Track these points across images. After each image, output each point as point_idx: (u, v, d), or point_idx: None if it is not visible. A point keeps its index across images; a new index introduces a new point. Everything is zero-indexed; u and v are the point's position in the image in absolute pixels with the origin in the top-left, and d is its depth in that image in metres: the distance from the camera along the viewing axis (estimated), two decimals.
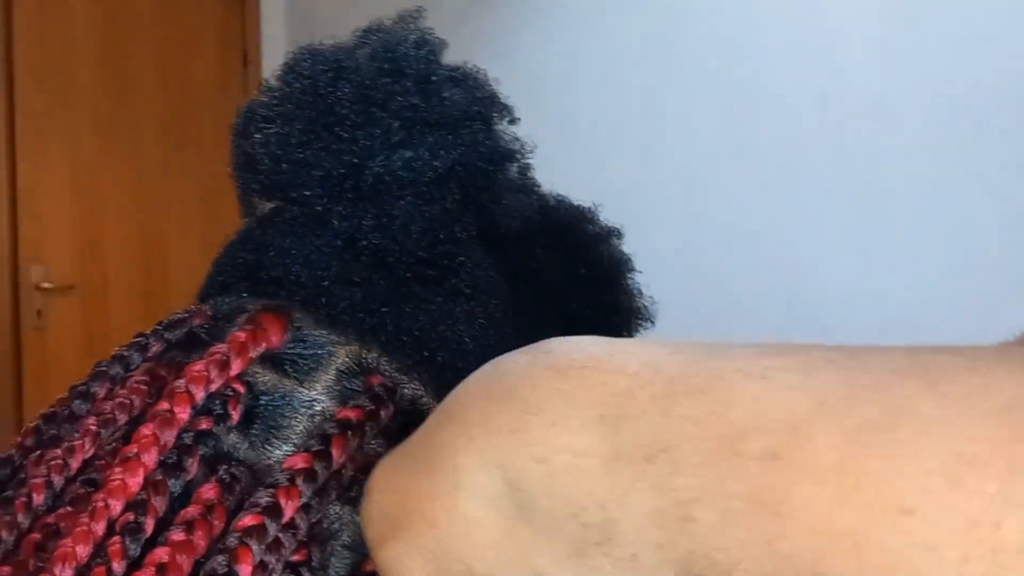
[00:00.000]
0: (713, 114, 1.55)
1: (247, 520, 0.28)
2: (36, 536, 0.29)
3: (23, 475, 0.32)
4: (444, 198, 0.35)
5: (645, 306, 0.44)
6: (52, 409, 0.35)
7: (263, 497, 0.29)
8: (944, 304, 1.34)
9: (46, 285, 2.57)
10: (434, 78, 0.37)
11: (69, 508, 0.30)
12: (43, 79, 2.56)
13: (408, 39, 0.38)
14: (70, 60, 2.61)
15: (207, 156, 2.86)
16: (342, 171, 0.35)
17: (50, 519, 0.29)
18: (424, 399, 0.34)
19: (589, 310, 0.41)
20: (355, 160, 0.35)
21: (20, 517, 0.29)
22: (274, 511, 0.28)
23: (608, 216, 0.45)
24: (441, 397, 0.32)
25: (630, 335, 0.43)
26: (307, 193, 0.35)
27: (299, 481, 0.29)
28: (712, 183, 1.55)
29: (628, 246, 0.45)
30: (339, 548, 0.31)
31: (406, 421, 0.33)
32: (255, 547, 0.27)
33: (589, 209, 0.44)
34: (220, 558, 0.27)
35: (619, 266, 0.44)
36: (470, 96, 0.37)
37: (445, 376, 0.34)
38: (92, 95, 2.65)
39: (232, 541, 0.28)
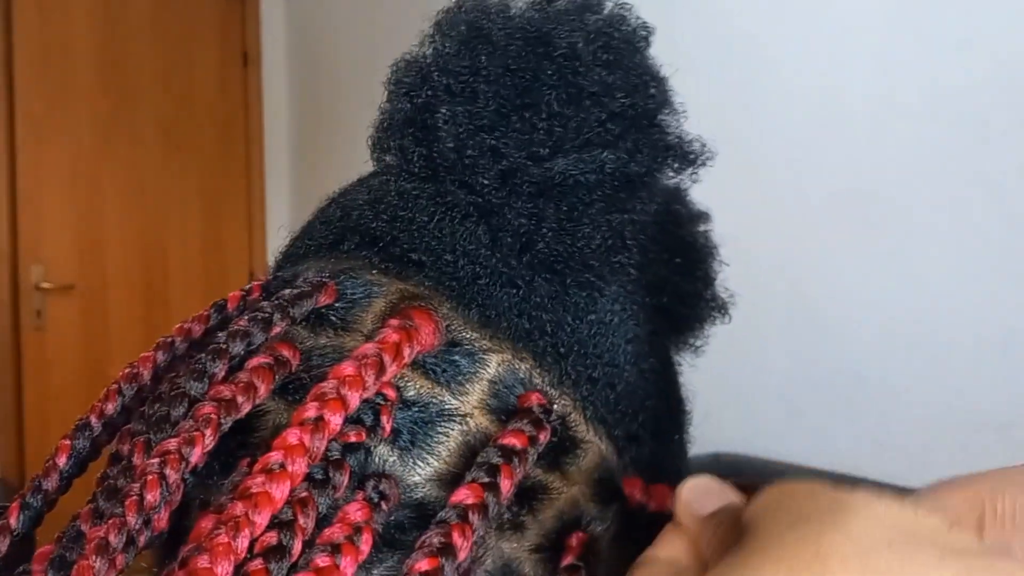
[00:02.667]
0: (713, 113, 1.55)
1: (423, 564, 0.25)
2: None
3: (121, 458, 0.28)
4: (633, 207, 0.32)
5: (723, 299, 0.40)
6: (135, 370, 0.32)
7: (436, 537, 0.25)
8: (944, 304, 1.34)
9: (46, 285, 2.57)
10: (642, 71, 0.33)
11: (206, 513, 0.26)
12: (43, 79, 2.56)
13: (622, 22, 0.34)
14: (70, 60, 2.61)
15: (207, 156, 2.87)
16: (528, 163, 0.31)
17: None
18: (573, 416, 0.30)
19: (677, 302, 0.37)
20: (545, 153, 0.31)
21: (131, 518, 0.25)
22: (449, 552, 0.25)
23: None
24: (590, 414, 0.31)
25: (702, 327, 0.39)
26: (485, 182, 0.31)
27: (472, 518, 0.26)
28: (712, 183, 1.55)
29: None
30: (481, 574, 0.28)
31: (560, 441, 0.30)
32: None
33: (680, 188, 0.40)
34: None
35: (706, 252, 0.39)
36: (664, 91, 0.33)
37: (597, 391, 0.31)
38: (92, 95, 2.65)
39: None
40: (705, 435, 0.39)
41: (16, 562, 0.28)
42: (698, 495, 0.28)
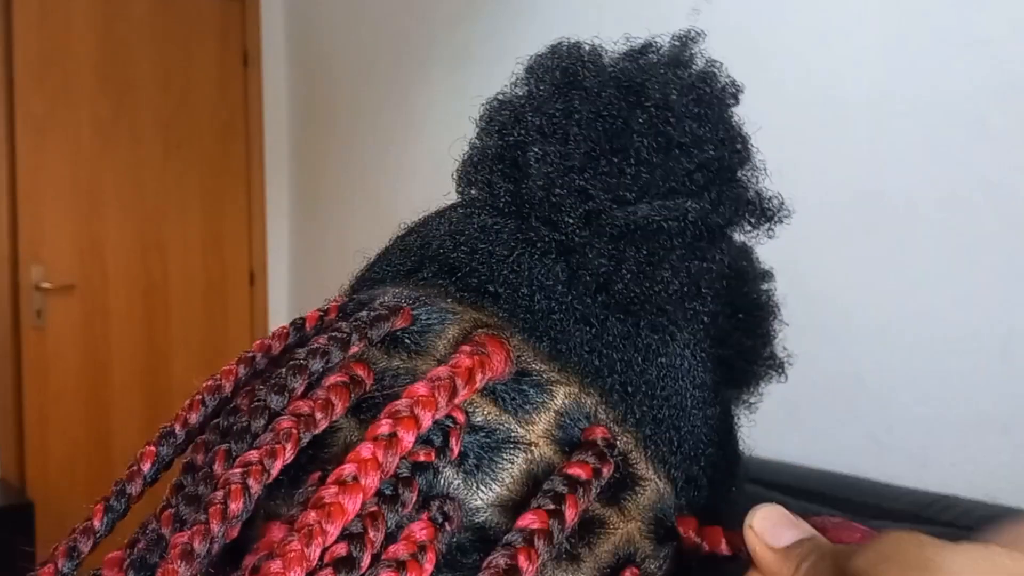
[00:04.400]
0: None
1: None
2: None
3: (200, 467, 0.29)
4: (712, 257, 0.33)
5: (781, 358, 0.41)
6: (217, 382, 0.32)
7: (503, 559, 0.26)
8: (944, 304, 1.34)
9: (46, 285, 2.57)
10: (731, 125, 0.34)
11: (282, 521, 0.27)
12: (43, 79, 2.56)
13: (714, 78, 0.35)
14: (70, 60, 2.61)
15: (207, 156, 2.87)
16: (613, 206, 0.32)
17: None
18: (634, 454, 0.31)
19: (739, 357, 0.39)
20: (632, 196, 0.32)
21: (215, 526, 0.26)
22: (514, 574, 0.26)
23: None
24: (651, 454, 0.31)
25: (758, 384, 0.40)
26: (570, 221, 0.32)
27: (538, 543, 0.26)
28: None
29: None
30: None
31: (620, 477, 0.30)
32: None
33: (747, 246, 0.41)
34: None
35: (768, 311, 0.40)
36: (747, 147, 0.35)
37: (660, 431, 0.32)
38: (92, 95, 2.65)
39: None
40: None
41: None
42: (771, 525, 0.28)
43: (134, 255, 2.74)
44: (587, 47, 0.36)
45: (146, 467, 0.31)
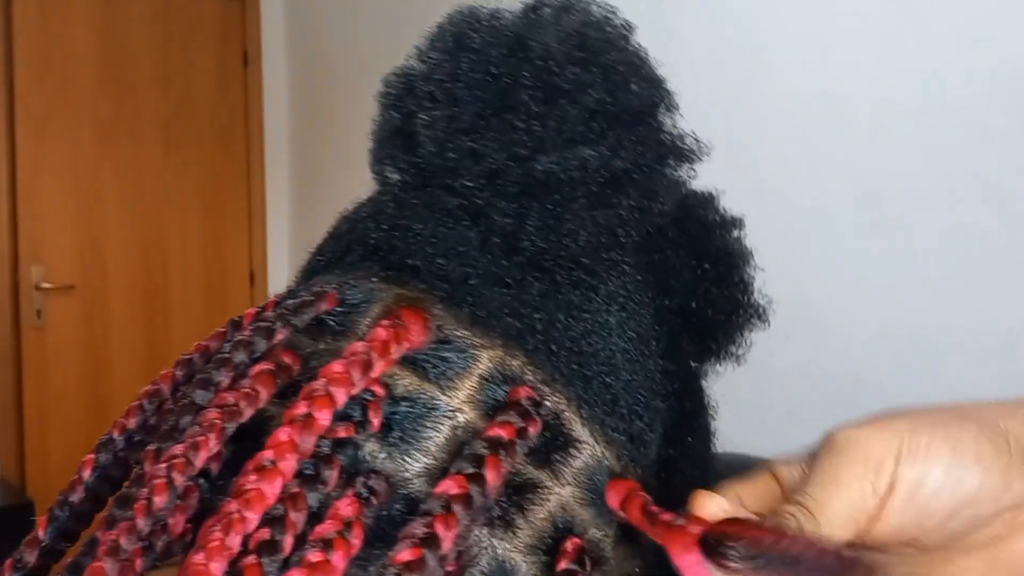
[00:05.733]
0: (714, 115, 1.55)
1: (405, 555, 0.25)
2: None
3: (136, 468, 0.29)
4: (619, 203, 0.32)
5: (760, 304, 0.40)
6: (156, 386, 0.33)
7: (419, 528, 0.26)
8: (944, 304, 1.34)
9: (46, 285, 2.57)
10: (621, 67, 0.33)
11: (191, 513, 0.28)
12: (43, 79, 2.56)
13: (595, 19, 0.34)
14: (70, 60, 2.61)
15: (207, 156, 2.87)
16: (510, 163, 0.31)
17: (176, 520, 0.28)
18: (567, 414, 0.30)
19: (709, 308, 0.38)
20: (526, 152, 0.31)
21: (141, 522, 0.26)
22: (432, 542, 0.25)
23: None
24: (585, 413, 0.31)
25: (742, 335, 0.40)
26: (469, 184, 0.32)
27: (456, 508, 0.26)
28: (712, 183, 1.55)
29: None
30: (476, 574, 0.28)
31: (549, 437, 0.30)
32: None
33: (711, 194, 0.40)
34: None
35: (739, 258, 0.40)
36: (650, 85, 0.34)
37: (593, 391, 0.31)
38: (92, 95, 2.65)
39: None
40: None
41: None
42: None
43: (134, 255, 2.74)
44: (485, 11, 0.35)
45: (86, 475, 0.31)
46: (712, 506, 0.29)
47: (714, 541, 0.26)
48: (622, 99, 0.33)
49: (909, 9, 1.40)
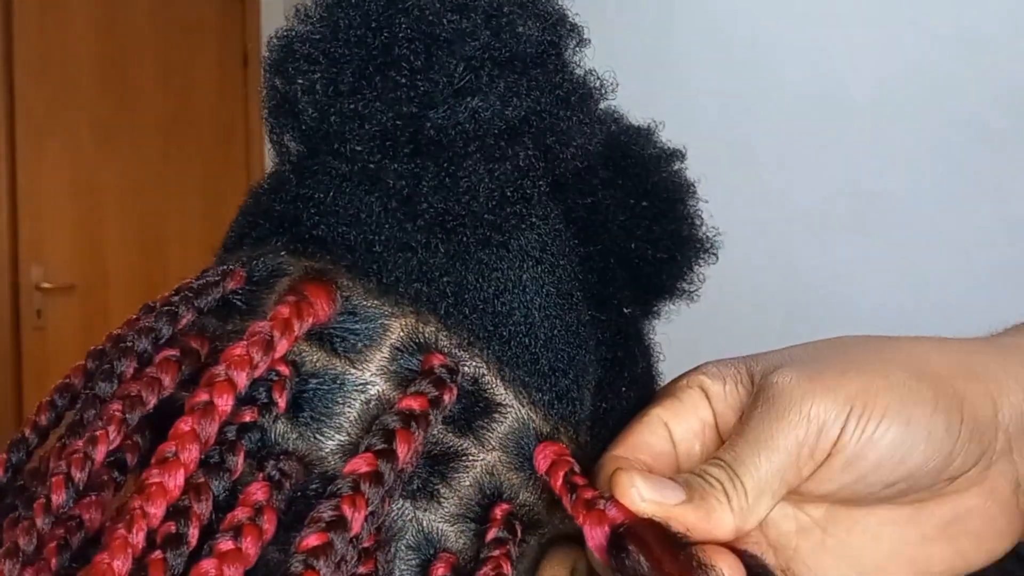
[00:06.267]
0: (714, 115, 1.55)
1: (311, 540, 0.24)
2: (59, 541, 0.26)
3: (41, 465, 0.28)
4: (516, 154, 0.30)
5: (708, 236, 0.38)
6: (67, 381, 0.32)
7: (326, 511, 0.25)
8: (944, 304, 1.34)
9: (46, 285, 2.57)
10: (506, 9, 0.31)
11: (94, 511, 0.27)
12: (43, 79, 2.56)
13: None
14: (70, 60, 2.61)
15: (207, 156, 2.86)
16: (398, 123, 0.29)
17: (74, 519, 0.27)
18: (487, 377, 0.29)
19: (650, 247, 0.36)
20: (413, 110, 0.29)
21: (39, 521, 0.26)
22: (340, 525, 0.25)
23: None
24: (507, 376, 0.30)
25: (691, 271, 0.38)
26: (358, 148, 0.30)
27: (364, 487, 0.25)
28: (711, 183, 1.55)
29: None
30: (403, 549, 0.27)
31: (469, 403, 0.29)
32: (323, 569, 0.24)
33: (647, 128, 0.38)
34: None
35: (680, 191, 0.37)
36: (543, 25, 0.31)
37: (512, 352, 0.30)
38: (92, 95, 2.65)
39: (296, 566, 0.24)
40: None
41: None
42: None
43: (134, 255, 2.74)
44: None
45: None
46: (632, 494, 0.28)
47: (620, 542, 0.25)
48: (509, 43, 0.30)
49: (909, 9, 1.40)
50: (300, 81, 0.31)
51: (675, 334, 0.40)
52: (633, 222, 0.36)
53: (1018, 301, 1.26)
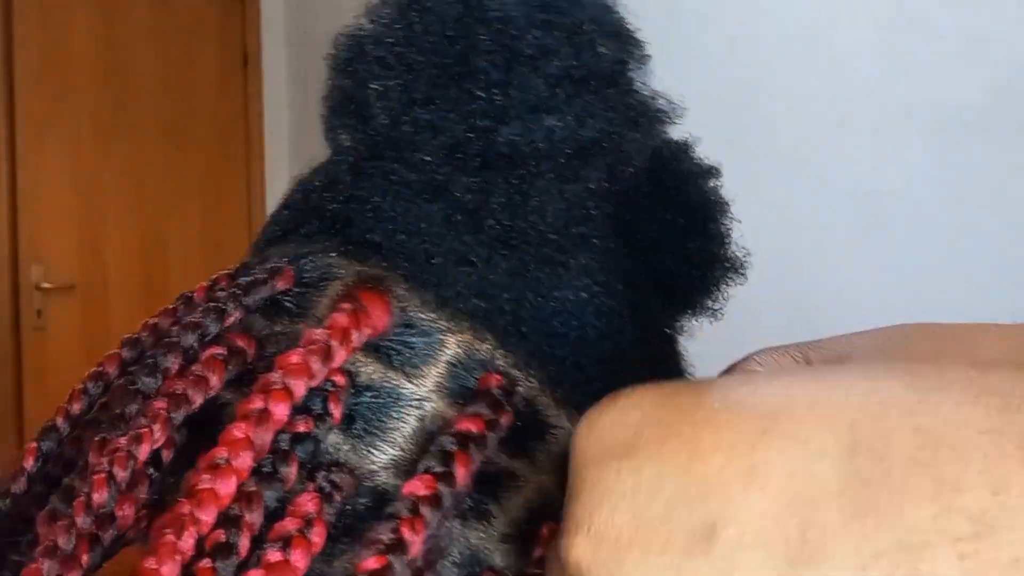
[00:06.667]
0: (713, 115, 1.55)
1: (371, 563, 0.24)
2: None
3: (79, 458, 0.28)
4: (587, 176, 0.30)
5: (738, 257, 0.38)
6: (101, 369, 0.31)
7: (385, 533, 0.24)
8: (944, 304, 1.34)
9: (46, 285, 2.57)
10: (586, 26, 0.30)
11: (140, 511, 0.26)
12: (43, 79, 2.56)
13: None
14: (70, 60, 2.61)
15: (207, 156, 2.86)
16: (470, 135, 0.29)
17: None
18: (541, 398, 0.29)
19: (683, 263, 0.35)
20: (487, 124, 0.29)
21: (80, 519, 0.25)
22: (399, 548, 0.24)
23: None
24: (560, 396, 0.29)
25: (718, 289, 0.37)
26: (427, 158, 0.29)
27: (424, 510, 0.25)
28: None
29: None
30: (448, 566, 0.27)
31: (523, 425, 0.28)
32: None
33: (685, 143, 0.37)
34: None
35: (715, 209, 0.37)
36: (620, 46, 0.31)
37: (566, 372, 0.29)
38: (92, 95, 2.65)
39: None
40: None
41: None
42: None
43: (134, 255, 2.74)
44: None
45: (29, 464, 0.30)
46: None
47: None
48: (589, 62, 0.30)
49: (910, 9, 1.40)
50: (374, 86, 0.30)
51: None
52: (668, 237, 0.35)
53: (1018, 301, 1.26)
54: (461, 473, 0.26)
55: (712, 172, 0.38)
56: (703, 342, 0.39)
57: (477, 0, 0.30)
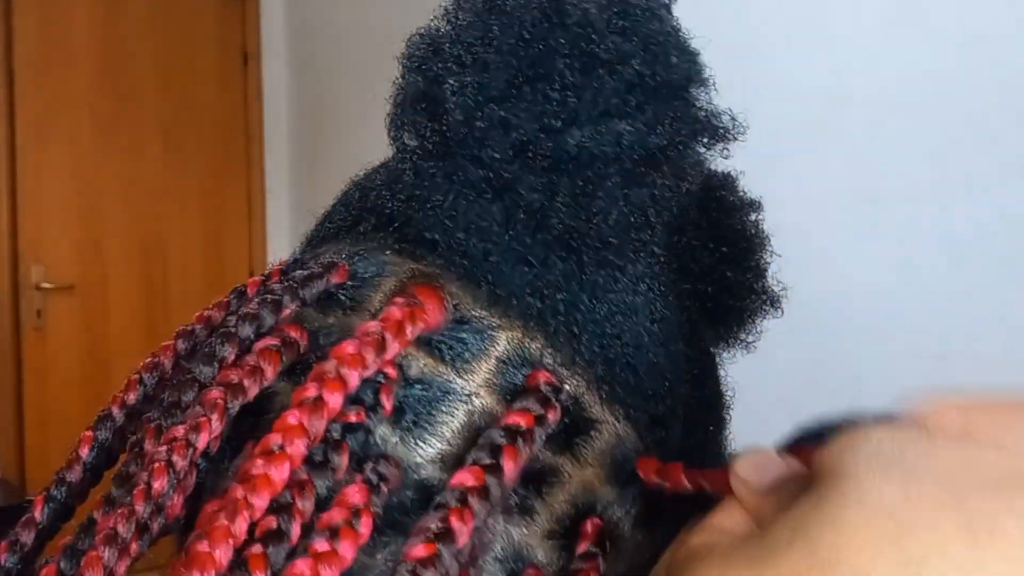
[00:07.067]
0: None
1: (419, 551, 0.24)
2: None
3: (136, 446, 0.28)
4: (653, 182, 0.30)
5: (775, 291, 0.38)
6: (156, 359, 0.31)
7: (434, 522, 0.24)
8: (944, 304, 1.34)
9: (46, 285, 2.57)
10: (661, 37, 0.31)
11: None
12: (43, 79, 2.56)
13: None
14: (70, 60, 2.61)
15: (207, 156, 2.86)
16: (541, 135, 0.29)
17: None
18: (586, 397, 0.29)
19: (724, 292, 0.36)
20: (559, 125, 0.29)
21: (139, 507, 0.25)
22: (447, 537, 0.24)
23: None
24: (606, 395, 0.29)
25: (752, 321, 0.38)
26: (496, 156, 0.29)
27: (472, 501, 0.25)
28: None
29: None
30: (491, 561, 0.27)
31: (571, 422, 0.29)
32: None
33: (730, 176, 0.38)
34: None
35: (756, 243, 0.38)
36: (688, 59, 0.32)
37: (615, 372, 0.30)
38: (92, 95, 2.65)
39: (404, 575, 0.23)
40: None
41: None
42: (756, 470, 0.26)
43: (134, 255, 2.74)
44: None
45: (84, 452, 0.30)
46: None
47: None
48: (661, 72, 0.31)
49: (909, 8, 1.40)
50: (451, 81, 0.30)
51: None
52: (712, 267, 0.36)
53: (1018, 301, 1.26)
54: (509, 466, 0.26)
55: (755, 206, 0.39)
56: None
57: (557, 4, 0.31)
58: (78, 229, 2.65)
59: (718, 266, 0.36)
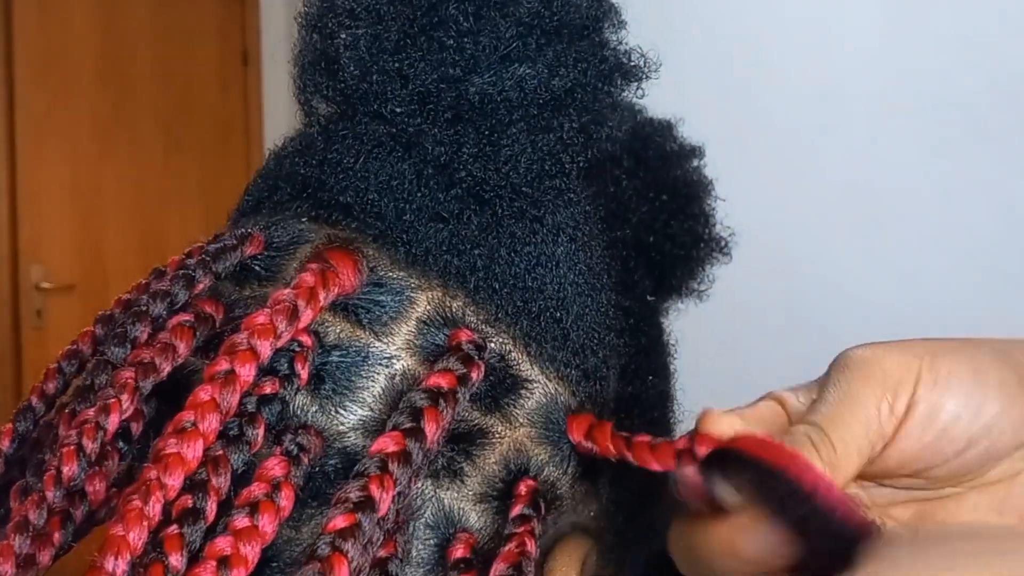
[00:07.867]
0: (711, 113, 1.55)
1: (339, 521, 0.23)
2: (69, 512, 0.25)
3: (51, 431, 0.28)
4: (560, 126, 0.29)
5: (722, 236, 0.38)
6: (75, 347, 0.31)
7: (353, 491, 0.24)
8: (944, 304, 1.34)
9: (46, 285, 2.57)
10: None
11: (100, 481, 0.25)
12: (43, 79, 2.56)
13: None
14: (70, 60, 2.61)
15: (207, 156, 2.86)
16: (442, 85, 0.28)
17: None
18: (513, 354, 0.28)
19: (667, 242, 0.35)
20: (458, 73, 0.28)
21: (50, 493, 0.24)
22: (368, 506, 0.23)
23: None
24: (533, 351, 0.29)
25: (703, 269, 0.37)
26: (398, 110, 0.29)
27: (393, 467, 0.24)
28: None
29: None
30: (421, 528, 0.27)
31: (496, 380, 0.28)
32: (351, 551, 0.23)
33: (668, 122, 0.37)
34: (310, 570, 0.22)
35: (699, 189, 0.37)
36: (596, 2, 0.31)
37: (540, 326, 0.29)
38: (92, 95, 2.65)
39: (324, 548, 0.22)
40: None
41: None
42: (712, 423, 0.26)
43: (134, 255, 2.74)
44: None
45: (5, 445, 0.29)
46: (722, 424, 0.26)
47: (723, 456, 0.23)
48: (560, 12, 0.29)
49: (909, 8, 1.40)
50: (343, 36, 0.29)
51: (674, 334, 0.40)
52: (652, 216, 0.35)
53: (1018, 301, 1.26)
54: (431, 429, 0.25)
55: (696, 152, 0.37)
56: (704, 341, 0.39)
57: None
58: (78, 229, 2.65)
59: (659, 215, 0.35)
